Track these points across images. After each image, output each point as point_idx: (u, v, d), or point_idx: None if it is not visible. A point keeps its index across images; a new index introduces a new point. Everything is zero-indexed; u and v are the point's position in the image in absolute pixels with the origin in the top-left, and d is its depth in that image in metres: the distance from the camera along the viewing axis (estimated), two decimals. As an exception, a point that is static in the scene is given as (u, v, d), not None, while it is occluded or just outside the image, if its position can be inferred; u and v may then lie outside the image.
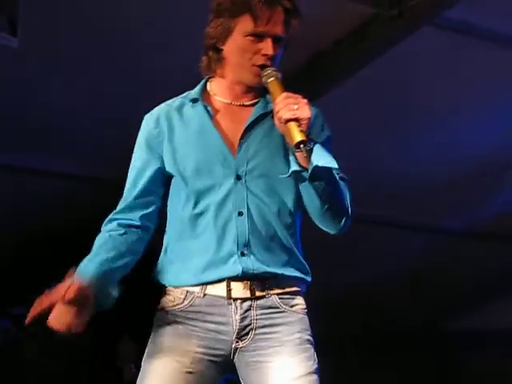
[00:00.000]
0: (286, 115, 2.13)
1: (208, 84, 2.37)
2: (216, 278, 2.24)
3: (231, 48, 2.28)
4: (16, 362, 8.42)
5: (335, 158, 2.26)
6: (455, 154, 6.58)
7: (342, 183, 2.27)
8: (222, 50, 2.30)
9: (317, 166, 2.15)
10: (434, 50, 5.31)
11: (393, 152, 6.37)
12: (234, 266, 2.22)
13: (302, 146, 2.12)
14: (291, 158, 2.21)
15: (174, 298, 2.28)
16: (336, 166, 2.18)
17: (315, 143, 2.17)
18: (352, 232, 2.40)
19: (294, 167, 2.21)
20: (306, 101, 2.17)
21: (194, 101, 2.34)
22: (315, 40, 5.15)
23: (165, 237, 2.37)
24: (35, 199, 6.73)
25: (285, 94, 2.17)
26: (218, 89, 2.35)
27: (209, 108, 2.32)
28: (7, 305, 8.80)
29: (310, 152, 2.15)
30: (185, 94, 2.39)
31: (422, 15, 4.89)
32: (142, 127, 2.38)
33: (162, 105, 2.39)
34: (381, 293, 8.40)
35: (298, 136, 2.12)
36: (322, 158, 2.16)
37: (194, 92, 2.36)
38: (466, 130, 6.31)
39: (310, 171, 2.16)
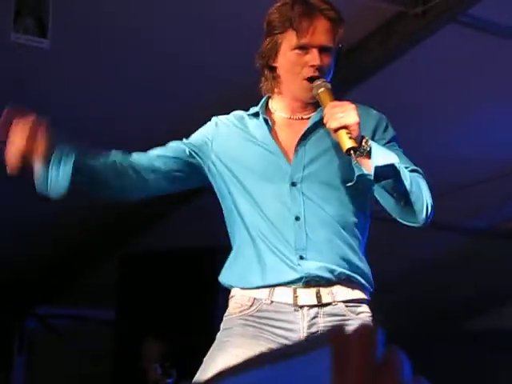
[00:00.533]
0: (333, 125, 2.15)
1: (269, 101, 2.41)
2: (282, 281, 2.24)
3: (282, 64, 2.32)
4: (44, 362, 8.47)
5: (406, 154, 2.28)
6: (477, 153, 6.57)
7: (414, 175, 2.26)
8: (275, 67, 2.34)
9: (377, 166, 2.15)
10: (459, 47, 5.30)
11: (424, 146, 6.37)
12: (297, 269, 2.24)
13: (352, 152, 2.14)
14: (354, 164, 2.23)
15: (240, 304, 2.29)
16: (396, 160, 2.17)
17: (369, 145, 2.17)
18: (374, 230, 2.41)
19: (358, 172, 2.23)
20: (352, 106, 2.18)
21: (255, 115, 2.39)
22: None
23: (232, 243, 2.39)
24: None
25: (330, 105, 2.19)
26: (278, 105, 2.39)
27: (268, 120, 2.36)
28: (33, 305, 8.86)
29: (364, 155, 2.15)
30: (216, 120, 2.44)
31: (445, 13, 4.89)
32: (201, 129, 2.42)
33: (224, 116, 2.45)
34: (405, 290, 8.40)
35: (346, 143, 2.14)
36: (380, 156, 2.17)
37: (256, 108, 2.41)
38: (487, 128, 6.30)
39: (372, 173, 2.16)
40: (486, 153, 6.54)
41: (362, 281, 2.30)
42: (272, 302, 2.24)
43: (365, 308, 2.31)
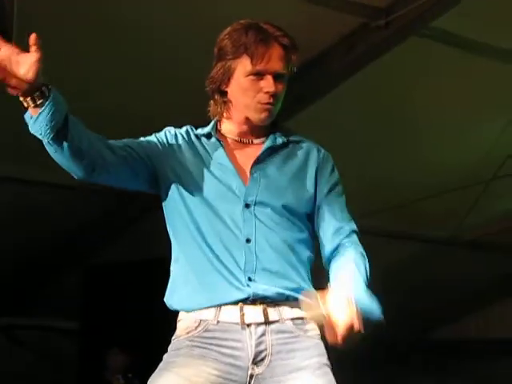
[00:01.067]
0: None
1: (218, 124, 2.41)
2: (227, 301, 2.23)
3: (235, 89, 2.31)
4: (4, 374, 8.39)
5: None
6: (440, 164, 6.64)
7: (362, 257, 2.32)
8: (226, 92, 2.34)
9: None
10: (421, 59, 5.36)
11: (383, 160, 6.42)
12: (244, 290, 2.22)
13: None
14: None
15: (187, 326, 2.26)
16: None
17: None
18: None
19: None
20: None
21: (208, 136, 2.38)
22: (303, 49, 5.19)
23: (172, 259, 2.35)
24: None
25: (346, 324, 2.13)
26: (227, 129, 2.38)
27: (222, 142, 2.37)
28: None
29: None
30: (196, 129, 2.43)
31: (408, 25, 4.94)
32: (160, 133, 2.41)
33: (183, 128, 2.43)
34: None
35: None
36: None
37: (206, 129, 2.40)
38: (450, 140, 6.38)
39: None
40: (449, 163, 6.61)
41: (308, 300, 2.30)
42: (218, 321, 2.23)
43: (312, 326, 2.29)
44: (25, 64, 2.02)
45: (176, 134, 2.39)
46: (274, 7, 4.69)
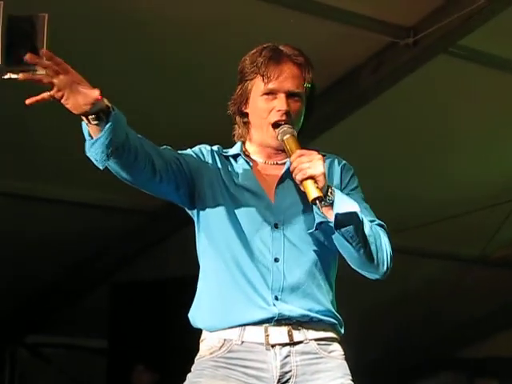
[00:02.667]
0: (299, 176, 2.17)
1: (242, 146, 2.42)
2: (252, 321, 2.22)
3: (252, 110, 2.34)
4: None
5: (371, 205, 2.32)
6: (469, 181, 6.61)
7: (376, 228, 2.28)
8: (246, 113, 2.37)
9: (338, 214, 2.17)
10: (448, 77, 5.35)
11: (411, 178, 6.40)
12: (270, 310, 2.22)
13: (317, 201, 2.16)
14: (315, 210, 2.24)
15: (210, 346, 2.26)
16: (357, 209, 2.20)
17: (333, 193, 2.19)
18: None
19: (318, 219, 2.23)
20: (319, 157, 2.20)
21: (236, 156, 2.40)
22: (332, 68, 5.20)
23: (200, 277, 2.35)
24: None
25: (298, 152, 2.21)
26: (252, 150, 2.40)
27: (249, 161, 2.38)
28: (21, 334, 8.81)
29: (327, 204, 2.18)
30: (209, 148, 2.43)
31: (436, 44, 4.94)
32: (195, 148, 2.41)
33: (214, 146, 2.44)
34: (394, 320, 8.40)
35: (312, 193, 2.15)
36: (342, 204, 2.19)
37: (234, 149, 2.42)
38: (479, 157, 6.35)
39: (333, 220, 2.18)
40: (477, 180, 6.58)
41: (333, 321, 2.30)
42: (243, 342, 2.22)
43: (337, 347, 2.29)
44: (85, 97, 2.01)
45: (212, 152, 2.40)
46: (303, 27, 4.71)
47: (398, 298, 8.21)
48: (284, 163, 2.35)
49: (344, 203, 2.19)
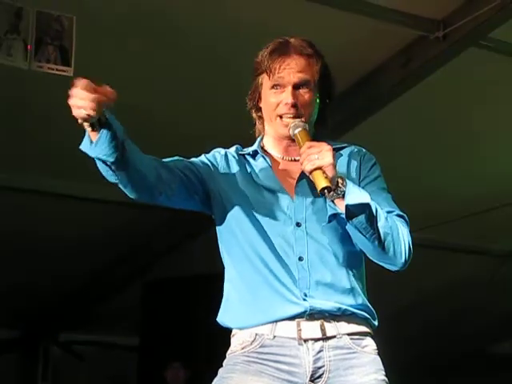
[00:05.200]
0: (307, 167, 2.16)
1: (261, 142, 2.42)
2: (284, 316, 2.20)
3: (263, 104, 2.35)
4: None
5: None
6: (500, 175, 6.56)
7: (394, 218, 2.26)
8: (261, 108, 2.37)
9: (349, 205, 2.15)
10: (479, 70, 5.30)
11: (442, 172, 6.36)
12: (302, 304, 2.20)
13: (325, 191, 2.14)
14: (328, 203, 2.23)
15: (242, 341, 2.24)
16: (368, 200, 2.17)
17: (345, 184, 2.17)
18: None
19: (331, 211, 2.22)
20: (328, 147, 2.17)
21: (254, 154, 2.39)
22: (361, 62, 5.19)
23: (226, 279, 2.33)
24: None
25: (307, 144, 2.20)
26: (269, 145, 2.40)
27: (268, 159, 2.37)
28: (55, 331, 8.88)
29: (340, 196, 2.16)
30: (223, 151, 2.43)
31: (466, 37, 4.89)
32: (209, 153, 2.42)
33: (232, 147, 2.44)
34: (422, 315, 8.36)
35: (320, 183, 2.14)
36: (354, 196, 2.17)
37: (253, 147, 2.42)
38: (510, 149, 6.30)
39: (344, 211, 2.16)
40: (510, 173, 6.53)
41: (366, 315, 2.27)
42: (275, 336, 2.20)
43: (370, 341, 2.27)
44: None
45: (226, 155, 2.39)
46: (331, 22, 4.70)
47: (430, 294, 8.17)
48: None
49: (355, 194, 2.17)
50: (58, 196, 6.35)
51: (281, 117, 2.30)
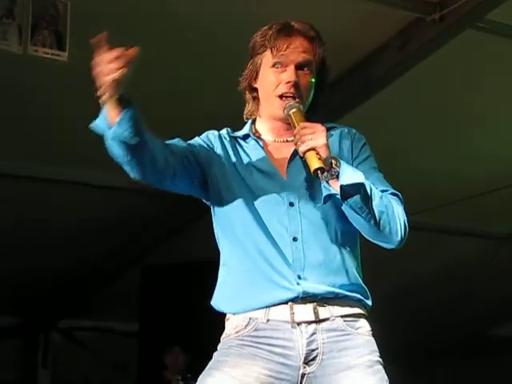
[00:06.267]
0: (301, 148, 2.16)
1: (252, 126, 2.42)
2: (277, 301, 2.21)
3: (261, 83, 2.34)
4: (68, 375, 8.50)
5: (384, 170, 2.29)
6: (498, 157, 6.55)
7: (389, 196, 2.26)
8: (256, 88, 2.36)
9: (343, 185, 2.16)
10: (476, 52, 5.29)
11: (438, 155, 6.36)
12: (294, 289, 2.21)
13: (319, 172, 2.14)
14: (323, 184, 2.22)
15: (236, 325, 2.25)
16: (363, 180, 2.18)
17: (339, 165, 2.17)
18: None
19: (325, 192, 2.22)
20: (322, 128, 2.19)
21: (245, 137, 2.39)
22: (357, 46, 5.18)
23: (221, 263, 2.35)
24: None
25: (301, 125, 2.20)
26: (261, 128, 2.40)
27: (259, 141, 2.37)
28: (55, 318, 8.89)
29: (334, 176, 2.16)
30: (216, 133, 2.43)
31: (463, 19, 4.88)
32: (203, 135, 2.41)
33: (223, 130, 2.44)
34: (424, 299, 8.38)
35: (314, 164, 2.14)
36: (348, 176, 2.17)
37: (243, 130, 2.41)
38: (508, 130, 6.30)
39: (339, 192, 2.17)
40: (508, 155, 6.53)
41: (360, 296, 2.28)
42: (268, 320, 2.21)
43: (363, 323, 2.27)
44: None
45: (220, 136, 2.39)
46: (328, 5, 4.68)
47: (427, 278, 8.18)
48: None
49: (349, 174, 2.17)
50: (58, 182, 6.35)
51: (280, 97, 2.29)
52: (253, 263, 2.24)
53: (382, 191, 2.26)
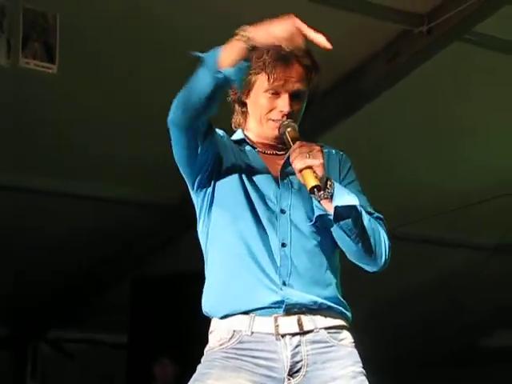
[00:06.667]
0: (298, 165, 2.18)
1: (243, 134, 2.43)
2: (262, 305, 2.22)
3: (252, 102, 2.36)
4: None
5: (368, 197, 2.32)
6: (487, 169, 6.58)
7: (373, 220, 2.29)
8: (246, 103, 2.38)
9: (337, 207, 2.19)
10: (464, 64, 5.32)
11: (427, 167, 6.37)
12: (279, 293, 2.22)
13: (315, 190, 2.16)
14: (314, 203, 2.26)
15: (220, 337, 2.25)
16: (357, 202, 2.21)
17: (333, 186, 2.21)
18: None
19: (318, 212, 2.25)
20: (319, 148, 2.21)
21: (241, 141, 2.41)
22: (345, 58, 5.19)
23: (207, 266, 2.36)
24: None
25: (298, 143, 2.22)
26: (252, 138, 2.42)
27: (255, 148, 2.39)
28: (44, 329, 8.86)
29: (327, 196, 2.19)
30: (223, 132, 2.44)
31: (451, 31, 4.91)
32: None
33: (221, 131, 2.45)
34: (415, 308, 8.38)
35: (310, 182, 2.16)
36: (342, 197, 2.20)
37: (237, 136, 2.42)
38: (497, 145, 6.32)
39: (333, 213, 2.20)
40: (496, 165, 6.55)
41: (342, 309, 2.30)
42: (252, 332, 2.21)
43: (346, 334, 2.29)
44: None
45: (225, 136, 2.41)
46: (315, 18, 4.68)
47: (417, 290, 8.18)
48: (283, 154, 2.36)
49: (343, 196, 2.21)
50: (48, 193, 6.35)
51: (272, 120, 2.32)
52: (240, 262, 2.26)
53: (368, 214, 2.29)
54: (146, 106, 5.31)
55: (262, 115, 2.33)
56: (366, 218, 2.25)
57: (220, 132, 2.40)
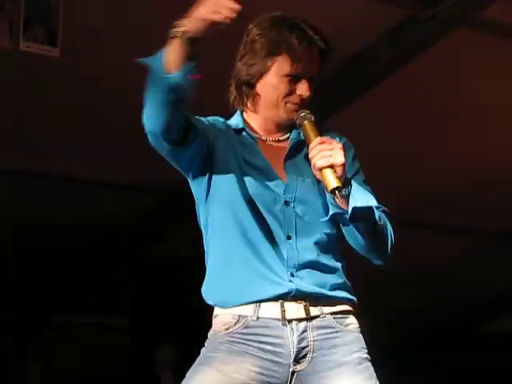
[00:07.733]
0: (320, 163, 2.14)
1: (243, 119, 2.38)
2: (268, 297, 2.21)
3: (266, 86, 2.30)
4: (59, 371, 8.48)
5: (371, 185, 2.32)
6: (487, 154, 6.56)
7: (382, 215, 2.28)
8: (254, 85, 2.32)
9: (355, 208, 2.16)
10: (470, 50, 5.29)
11: (432, 151, 6.36)
12: (286, 285, 2.21)
13: (337, 192, 2.13)
14: (329, 200, 2.22)
15: (225, 322, 2.24)
16: (375, 203, 2.20)
17: (351, 185, 2.18)
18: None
19: (333, 210, 2.22)
20: (340, 145, 2.17)
21: (239, 130, 2.36)
22: (349, 43, 5.16)
23: (208, 256, 2.34)
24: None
25: (319, 139, 2.18)
26: (253, 123, 2.37)
27: (255, 138, 2.35)
28: (46, 313, 8.88)
29: (346, 197, 2.17)
30: (222, 119, 2.40)
31: (457, 16, 4.87)
32: (209, 118, 2.38)
33: (221, 118, 2.41)
34: (416, 295, 8.39)
35: (331, 182, 2.13)
36: (360, 197, 2.18)
37: (236, 122, 2.37)
38: (500, 131, 6.30)
39: (349, 213, 2.17)
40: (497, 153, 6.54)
41: (348, 294, 2.30)
42: (258, 317, 2.21)
43: (352, 319, 2.29)
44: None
45: (225, 124, 2.36)
46: (319, 3, 4.67)
47: (414, 276, 8.19)
48: (285, 139, 2.34)
49: (361, 196, 2.18)
50: (53, 177, 6.35)
51: (292, 103, 2.29)
52: (244, 259, 2.24)
53: (379, 210, 2.27)
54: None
55: (279, 98, 2.28)
56: (377, 215, 2.23)
57: (219, 120, 2.36)
